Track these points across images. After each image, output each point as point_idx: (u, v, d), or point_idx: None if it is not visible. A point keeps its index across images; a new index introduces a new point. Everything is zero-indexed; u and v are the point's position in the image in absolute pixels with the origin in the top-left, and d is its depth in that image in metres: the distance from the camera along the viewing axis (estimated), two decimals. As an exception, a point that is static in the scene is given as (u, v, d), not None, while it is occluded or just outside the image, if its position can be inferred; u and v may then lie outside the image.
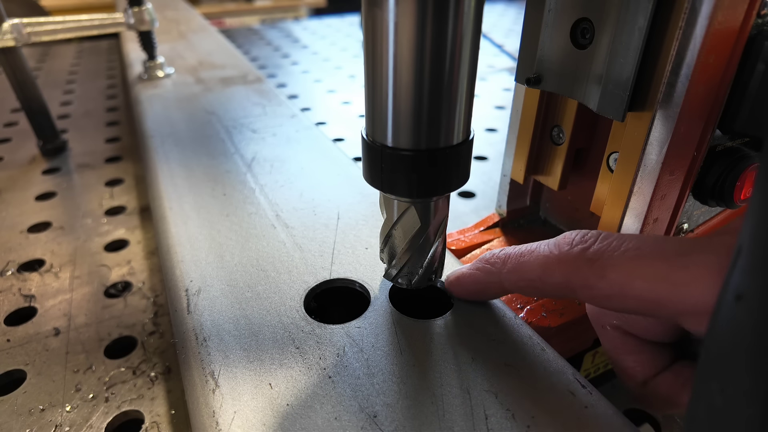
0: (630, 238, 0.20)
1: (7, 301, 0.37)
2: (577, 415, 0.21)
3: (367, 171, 0.23)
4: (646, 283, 0.18)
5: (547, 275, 0.21)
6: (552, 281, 0.21)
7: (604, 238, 0.20)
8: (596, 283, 0.20)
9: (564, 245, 0.21)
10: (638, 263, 0.19)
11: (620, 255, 0.19)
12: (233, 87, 0.65)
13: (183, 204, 0.38)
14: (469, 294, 0.26)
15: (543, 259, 0.21)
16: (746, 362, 0.11)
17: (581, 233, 0.21)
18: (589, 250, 0.20)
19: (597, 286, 0.20)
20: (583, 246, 0.20)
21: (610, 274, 0.19)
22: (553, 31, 0.27)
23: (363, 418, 0.21)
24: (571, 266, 0.20)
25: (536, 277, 0.22)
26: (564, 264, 0.21)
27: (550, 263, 0.21)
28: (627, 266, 0.19)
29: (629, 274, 0.19)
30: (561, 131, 0.31)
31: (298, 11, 2.26)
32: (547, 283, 0.21)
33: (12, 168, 0.59)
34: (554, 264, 0.21)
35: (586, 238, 0.21)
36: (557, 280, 0.21)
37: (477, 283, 0.25)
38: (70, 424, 0.27)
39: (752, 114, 0.23)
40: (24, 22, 0.52)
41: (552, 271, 0.21)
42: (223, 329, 0.26)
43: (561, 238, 0.22)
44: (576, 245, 0.21)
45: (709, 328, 0.13)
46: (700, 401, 0.13)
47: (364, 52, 0.21)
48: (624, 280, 0.19)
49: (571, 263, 0.20)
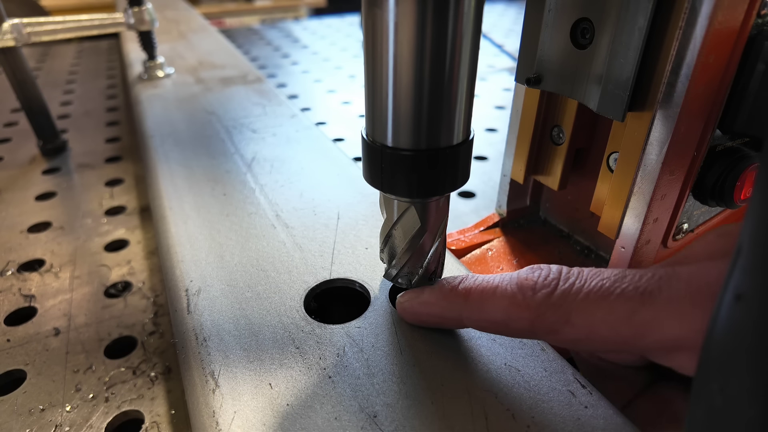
0: (593, 276, 0.20)
1: (7, 301, 0.37)
2: (577, 415, 0.21)
3: (367, 171, 0.23)
4: (609, 327, 0.18)
5: (512, 320, 0.21)
6: (516, 326, 0.21)
7: (566, 278, 0.20)
8: (561, 329, 0.19)
9: (527, 290, 0.20)
10: (600, 306, 0.19)
11: (583, 298, 0.19)
12: (233, 87, 0.65)
13: (183, 204, 0.38)
14: (421, 323, 0.26)
15: (507, 303, 0.21)
16: (746, 362, 0.11)
17: (544, 273, 0.21)
18: (553, 295, 0.20)
19: (563, 332, 0.19)
20: (547, 291, 0.20)
21: (575, 319, 0.19)
22: (553, 31, 0.27)
23: (363, 418, 0.21)
24: (535, 312, 0.20)
25: (500, 320, 0.21)
26: (528, 311, 0.20)
27: (514, 308, 0.21)
28: (590, 310, 0.19)
29: (593, 319, 0.19)
30: (561, 131, 0.31)
31: (298, 11, 2.26)
32: (512, 328, 0.21)
33: (12, 168, 0.59)
34: (518, 309, 0.20)
35: (549, 280, 0.20)
36: (522, 325, 0.20)
37: (433, 317, 0.24)
38: (70, 424, 0.27)
39: (752, 114, 0.23)
40: (24, 22, 0.52)
41: (516, 317, 0.21)
42: (223, 329, 0.26)
43: (524, 279, 0.21)
44: (539, 290, 0.20)
45: (709, 328, 0.13)
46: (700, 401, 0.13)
47: (364, 52, 0.21)
48: (588, 324, 0.19)
49: (534, 310, 0.20)
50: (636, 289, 0.18)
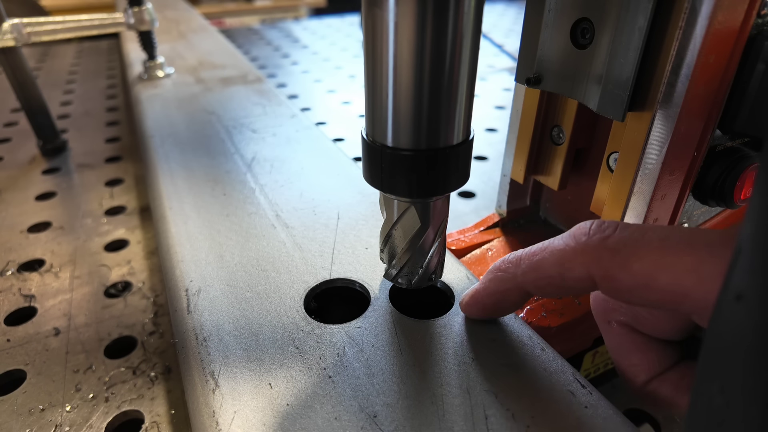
0: (653, 228, 0.19)
1: (7, 301, 0.37)
2: (577, 415, 0.21)
3: (367, 171, 0.23)
4: (671, 275, 0.17)
5: (567, 270, 0.20)
6: (572, 275, 0.20)
7: (624, 227, 0.19)
8: (618, 275, 0.18)
9: (581, 236, 0.20)
10: (664, 254, 0.18)
11: (645, 245, 0.18)
12: (233, 87, 0.65)
13: (183, 204, 0.38)
14: (487, 310, 0.25)
15: (560, 254, 0.20)
16: (746, 362, 0.11)
17: (597, 222, 0.20)
18: (609, 240, 0.19)
19: (619, 278, 0.18)
20: (602, 235, 0.19)
21: (634, 264, 0.18)
22: (553, 31, 0.27)
23: (363, 418, 0.21)
24: (591, 257, 0.19)
25: (555, 273, 0.20)
26: (583, 255, 0.19)
27: (568, 256, 0.20)
28: (652, 257, 0.18)
29: (654, 266, 0.18)
30: (561, 131, 0.31)
31: (298, 11, 2.26)
32: (568, 278, 0.20)
33: (12, 168, 0.59)
34: (572, 256, 0.20)
35: (604, 227, 0.20)
36: (577, 273, 0.20)
37: (493, 294, 0.24)
38: (70, 424, 0.27)
39: (752, 114, 0.23)
40: (24, 22, 0.52)
41: (571, 265, 0.20)
42: (223, 329, 0.26)
43: (575, 229, 0.20)
44: (594, 234, 0.19)
45: (709, 328, 0.13)
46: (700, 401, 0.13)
47: (364, 52, 0.21)
48: (649, 271, 0.18)
49: (590, 254, 0.19)
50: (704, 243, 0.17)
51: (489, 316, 0.25)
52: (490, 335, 0.25)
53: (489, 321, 0.26)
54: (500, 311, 0.25)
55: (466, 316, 0.26)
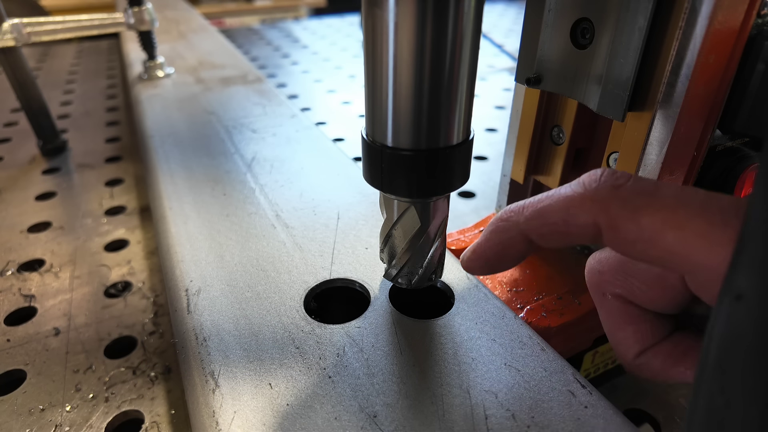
0: (667, 185, 0.18)
1: (7, 301, 0.37)
2: (577, 415, 0.21)
3: (367, 171, 0.23)
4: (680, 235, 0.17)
5: (572, 216, 0.19)
6: (577, 222, 0.19)
7: (638, 179, 0.19)
8: (625, 225, 0.18)
9: (591, 182, 0.19)
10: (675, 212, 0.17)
11: (657, 199, 0.18)
12: (233, 87, 0.65)
13: (183, 204, 0.38)
14: (490, 263, 0.23)
15: (566, 200, 0.19)
16: (746, 362, 0.11)
17: (609, 170, 0.19)
18: (621, 189, 0.18)
19: (625, 228, 0.18)
20: (614, 183, 0.19)
21: (643, 218, 0.18)
22: (553, 31, 0.27)
23: (363, 418, 0.21)
24: (599, 204, 0.18)
25: (560, 219, 0.20)
26: (591, 202, 0.19)
27: (575, 202, 0.19)
28: (663, 213, 0.17)
29: (664, 222, 0.17)
30: (561, 131, 0.31)
31: (298, 11, 2.26)
32: (572, 225, 0.19)
33: (12, 168, 0.59)
34: (579, 203, 0.19)
35: (617, 175, 0.19)
36: (583, 220, 0.19)
37: (496, 245, 0.22)
38: (70, 424, 0.27)
39: (752, 114, 0.23)
40: (24, 22, 0.52)
41: (577, 211, 0.19)
42: (223, 329, 0.26)
43: (586, 176, 0.20)
44: (606, 182, 0.19)
45: (709, 327, 0.13)
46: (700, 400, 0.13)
47: (364, 52, 0.21)
48: (657, 226, 0.17)
49: (599, 201, 0.19)
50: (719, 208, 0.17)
51: (491, 270, 0.24)
52: (490, 335, 0.25)
53: (489, 321, 0.26)
54: (503, 264, 0.24)
55: (466, 315, 0.26)
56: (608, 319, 0.23)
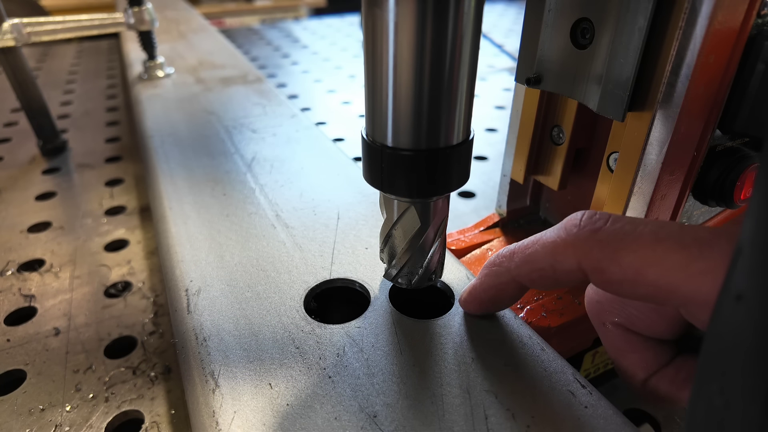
0: (644, 222, 0.19)
1: (7, 301, 0.37)
2: (577, 415, 0.21)
3: (367, 171, 0.23)
4: (661, 270, 0.17)
5: (558, 262, 0.20)
6: (563, 267, 0.20)
7: (615, 220, 0.19)
8: (608, 267, 0.19)
9: (571, 227, 0.20)
10: (653, 249, 0.18)
11: (634, 239, 0.18)
12: (233, 87, 0.65)
13: (183, 204, 0.38)
14: (485, 304, 0.25)
15: (551, 246, 0.20)
16: (746, 362, 0.11)
17: (588, 214, 0.20)
18: (599, 232, 0.19)
19: (609, 270, 0.19)
20: (593, 227, 0.19)
21: (624, 258, 0.18)
22: (553, 31, 0.27)
23: (363, 418, 0.21)
24: (581, 249, 0.19)
25: (547, 265, 0.21)
26: (574, 248, 0.20)
27: (559, 248, 0.20)
28: (642, 251, 0.18)
29: (644, 260, 0.18)
30: (561, 131, 0.31)
31: (298, 11, 2.26)
32: (559, 270, 0.20)
33: (12, 168, 0.59)
34: (563, 249, 0.20)
35: (595, 218, 0.20)
36: (568, 265, 0.20)
37: (490, 289, 0.24)
38: (70, 424, 0.27)
39: (752, 114, 0.23)
40: (24, 22, 0.52)
41: (562, 257, 0.20)
42: (223, 329, 0.26)
43: (567, 220, 0.21)
44: (585, 226, 0.20)
45: (709, 328, 0.13)
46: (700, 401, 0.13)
47: (364, 52, 0.21)
48: (638, 265, 0.18)
49: (580, 246, 0.19)
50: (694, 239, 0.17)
51: (487, 311, 0.26)
52: (490, 335, 0.25)
53: (489, 321, 0.26)
54: (498, 305, 0.25)
55: (466, 315, 0.26)
56: (611, 348, 0.24)
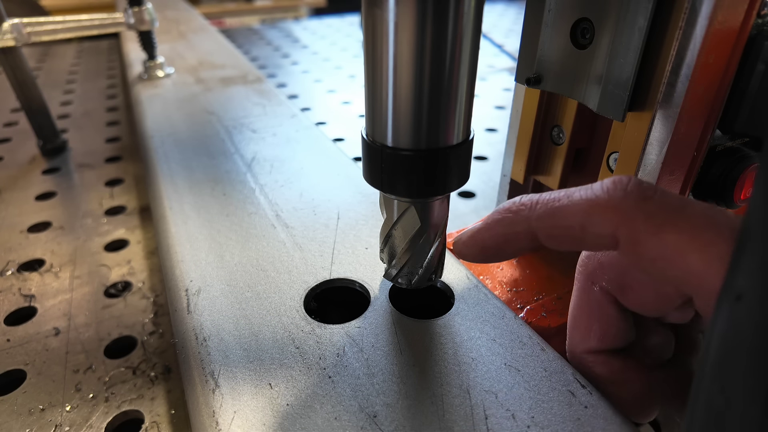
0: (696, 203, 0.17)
1: (7, 301, 0.37)
2: (577, 415, 0.21)
3: (367, 171, 0.23)
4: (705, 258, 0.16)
5: (591, 223, 0.18)
6: (595, 230, 0.18)
7: (665, 193, 0.18)
8: (648, 240, 0.17)
9: (616, 190, 0.18)
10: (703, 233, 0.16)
11: (685, 218, 0.17)
12: (233, 87, 0.65)
13: (183, 204, 0.38)
14: (487, 252, 0.22)
15: (586, 204, 0.18)
16: (746, 362, 0.11)
17: (636, 180, 0.18)
18: (648, 201, 0.17)
19: (647, 244, 0.17)
20: (642, 195, 0.18)
21: (668, 235, 0.17)
22: (553, 31, 0.27)
23: (363, 418, 0.21)
24: (623, 215, 0.18)
25: (576, 223, 0.19)
26: (614, 211, 0.18)
27: (596, 208, 0.18)
28: (690, 232, 0.16)
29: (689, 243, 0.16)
30: (561, 131, 0.31)
31: (298, 11, 2.26)
32: (589, 233, 0.18)
33: (12, 168, 0.59)
34: (601, 210, 0.18)
35: (644, 186, 0.18)
36: (602, 229, 0.18)
37: (497, 236, 0.21)
38: (70, 424, 0.27)
39: (752, 114, 0.23)
40: (24, 21, 0.52)
41: (598, 218, 0.18)
42: (223, 329, 0.26)
43: (610, 181, 0.19)
44: (632, 192, 0.18)
45: (709, 328, 0.13)
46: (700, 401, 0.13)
47: (364, 52, 0.21)
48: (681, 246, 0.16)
49: (623, 212, 0.18)
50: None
51: (484, 260, 0.23)
52: (490, 335, 0.25)
53: (489, 321, 0.26)
54: (499, 256, 0.23)
55: (466, 315, 0.26)
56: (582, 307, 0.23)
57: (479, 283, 0.29)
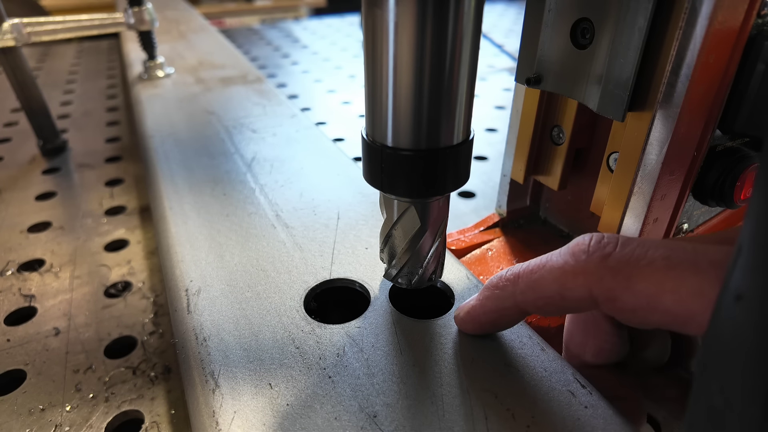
0: (655, 245, 0.18)
1: (7, 301, 0.37)
2: (577, 415, 0.21)
3: (367, 171, 0.23)
4: (677, 298, 0.17)
5: (567, 290, 0.19)
6: (572, 295, 0.19)
7: (625, 244, 0.19)
8: (621, 296, 0.18)
9: (580, 253, 0.19)
10: (667, 275, 0.17)
11: (647, 264, 0.18)
12: (233, 87, 0.65)
13: (183, 204, 0.38)
14: (484, 327, 0.24)
15: (559, 273, 0.19)
16: (746, 362, 0.11)
17: (596, 238, 0.19)
18: (610, 258, 0.18)
19: (622, 299, 0.18)
20: (603, 253, 0.19)
21: (637, 285, 0.17)
22: (553, 31, 0.27)
23: (363, 418, 0.21)
24: (592, 277, 0.18)
25: (554, 293, 0.20)
26: (583, 275, 0.19)
27: (567, 276, 0.19)
28: (656, 277, 0.17)
29: (658, 287, 0.17)
30: (561, 131, 0.31)
31: (298, 11, 2.25)
32: (568, 299, 0.19)
33: (12, 168, 0.59)
34: (572, 276, 0.19)
35: (604, 243, 0.19)
36: (578, 294, 0.19)
37: (490, 313, 0.23)
38: (70, 424, 0.27)
39: (752, 114, 0.23)
40: (24, 22, 0.52)
41: (571, 285, 0.19)
42: (223, 329, 0.26)
43: (573, 245, 0.20)
44: (594, 252, 0.19)
45: (709, 328, 0.13)
46: (700, 401, 0.13)
47: (364, 52, 0.21)
48: (653, 292, 0.17)
49: (591, 274, 0.19)
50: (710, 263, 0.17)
51: (485, 332, 0.25)
52: (490, 335, 0.25)
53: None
54: (497, 328, 0.25)
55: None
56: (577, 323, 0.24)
57: (479, 283, 0.29)
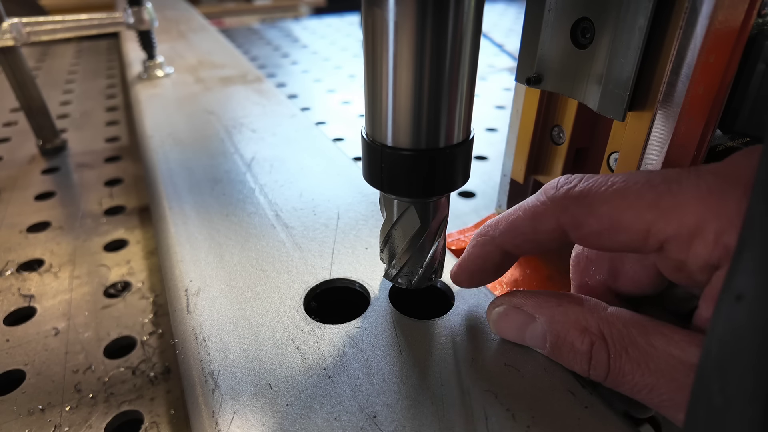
0: (616, 175, 0.20)
1: (6, 301, 0.37)
2: (577, 415, 0.21)
3: (367, 171, 0.23)
4: (635, 213, 0.18)
5: (539, 223, 0.21)
6: (544, 228, 0.21)
7: (589, 177, 0.20)
8: (586, 220, 0.20)
9: (549, 190, 0.21)
10: (626, 194, 0.19)
11: (607, 189, 0.19)
12: (233, 86, 0.65)
13: (182, 204, 0.38)
14: (474, 276, 0.25)
15: (531, 210, 0.21)
16: (746, 362, 0.11)
17: (564, 176, 0.21)
18: (575, 189, 0.20)
19: (587, 223, 0.20)
20: (569, 186, 0.20)
21: (599, 208, 0.19)
22: (553, 31, 0.27)
23: (363, 418, 0.21)
24: (559, 207, 0.20)
25: (529, 229, 0.22)
26: (552, 207, 0.21)
27: (539, 211, 0.21)
28: (615, 199, 0.19)
29: (618, 206, 0.19)
30: (561, 131, 0.31)
31: (298, 11, 2.25)
32: (540, 232, 0.21)
33: (12, 168, 0.59)
34: (542, 210, 0.21)
35: (571, 179, 0.21)
36: (548, 225, 0.21)
37: (477, 259, 0.24)
38: (70, 424, 0.27)
39: (752, 114, 0.23)
40: (23, 21, 0.52)
41: (542, 218, 0.21)
42: (222, 329, 0.26)
43: (546, 185, 0.22)
44: (561, 187, 0.21)
45: (709, 328, 0.13)
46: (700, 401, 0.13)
47: (364, 51, 0.21)
48: (613, 212, 0.19)
49: (558, 205, 0.20)
50: (662, 179, 0.19)
51: (476, 282, 0.25)
52: (490, 335, 0.25)
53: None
54: (485, 276, 0.25)
55: (466, 315, 0.26)
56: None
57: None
